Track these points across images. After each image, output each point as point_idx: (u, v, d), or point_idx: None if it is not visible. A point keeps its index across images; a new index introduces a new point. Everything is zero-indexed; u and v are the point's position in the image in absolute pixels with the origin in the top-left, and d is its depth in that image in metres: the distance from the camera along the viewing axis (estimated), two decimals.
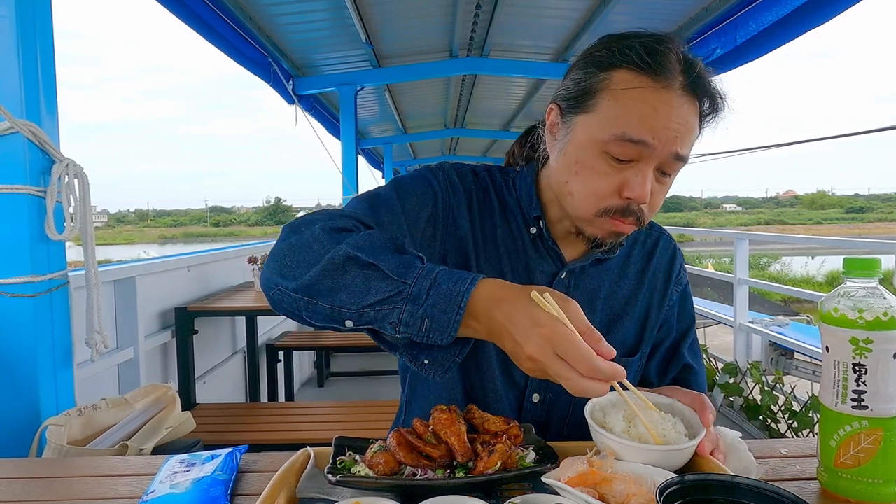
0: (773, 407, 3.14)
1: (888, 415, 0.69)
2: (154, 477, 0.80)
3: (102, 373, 2.36)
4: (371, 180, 11.08)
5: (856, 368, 0.70)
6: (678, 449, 0.72)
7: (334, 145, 6.42)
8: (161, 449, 1.46)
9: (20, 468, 0.89)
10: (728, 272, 4.98)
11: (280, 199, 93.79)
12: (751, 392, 3.27)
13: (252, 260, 3.44)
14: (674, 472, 0.69)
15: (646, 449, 0.71)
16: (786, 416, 3.04)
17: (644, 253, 1.02)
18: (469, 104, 7.76)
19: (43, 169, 1.50)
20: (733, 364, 3.53)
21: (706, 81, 0.82)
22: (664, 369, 1.04)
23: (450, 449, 0.74)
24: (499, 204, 0.97)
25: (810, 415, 2.85)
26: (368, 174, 11.02)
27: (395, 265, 0.71)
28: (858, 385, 0.70)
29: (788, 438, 2.81)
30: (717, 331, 7.11)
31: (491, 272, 0.93)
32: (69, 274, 1.60)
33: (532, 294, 0.66)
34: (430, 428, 0.75)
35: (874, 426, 0.69)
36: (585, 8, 4.16)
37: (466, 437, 0.75)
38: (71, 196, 1.55)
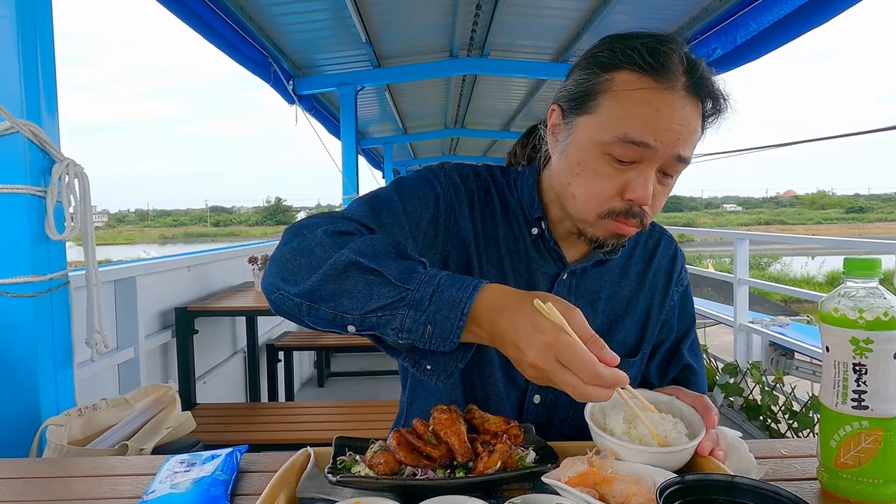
0: (774, 407, 3.14)
1: (888, 415, 0.69)
2: (154, 477, 0.80)
3: (102, 373, 2.36)
4: (371, 180, 11.09)
5: (856, 368, 0.70)
6: (679, 450, 0.72)
7: (334, 145, 6.42)
8: (161, 449, 1.46)
9: (20, 468, 0.89)
10: (728, 272, 4.97)
11: (280, 199, 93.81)
12: (751, 392, 3.27)
13: (252, 260, 3.43)
14: (674, 472, 0.69)
15: (646, 451, 0.71)
16: (786, 417, 3.04)
17: (645, 253, 1.02)
18: (469, 104, 7.76)
19: (43, 169, 1.50)
20: (733, 364, 3.53)
21: (709, 82, 0.81)
22: (664, 370, 1.04)
23: (450, 449, 0.74)
24: (500, 204, 0.97)
25: (810, 415, 2.85)
26: (368, 174, 11.03)
27: (398, 270, 0.71)
28: (859, 385, 0.70)
29: (789, 438, 2.80)
30: (718, 331, 7.11)
31: (492, 273, 0.93)
32: (69, 274, 1.60)
33: (535, 302, 0.66)
34: (431, 428, 0.75)
35: (874, 426, 0.69)
36: (586, 8, 4.16)
37: (466, 437, 0.75)
38: (71, 196, 1.55)
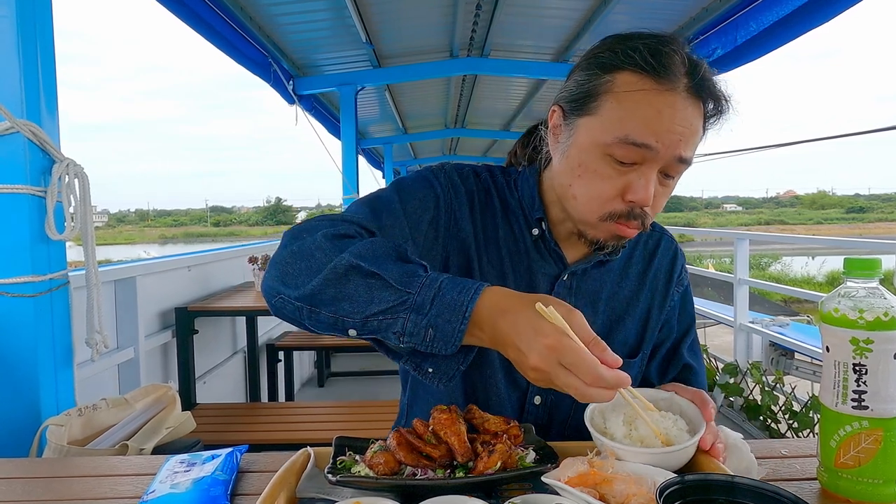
0: (774, 407, 3.14)
1: (888, 415, 0.69)
2: (154, 477, 0.80)
3: (103, 373, 2.36)
4: (371, 180, 11.08)
5: (856, 368, 0.70)
6: (680, 448, 0.72)
7: (335, 145, 6.42)
8: (161, 449, 1.46)
9: (20, 468, 0.89)
10: (728, 272, 4.97)
11: (280, 199, 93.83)
12: (751, 392, 3.27)
13: (252, 260, 3.43)
14: (674, 473, 0.69)
15: (649, 453, 0.71)
16: (786, 417, 3.04)
17: (646, 254, 1.02)
18: (469, 104, 7.76)
19: (43, 169, 1.50)
20: (733, 364, 3.53)
21: (711, 83, 0.81)
22: (664, 370, 1.04)
23: (450, 449, 0.74)
24: (500, 205, 0.96)
25: (810, 415, 2.85)
26: (369, 174, 11.02)
27: (399, 274, 0.71)
28: (859, 385, 0.70)
29: (789, 438, 2.80)
30: (718, 331, 7.11)
31: (493, 274, 0.93)
32: (69, 274, 1.60)
33: (537, 305, 0.66)
34: (431, 428, 0.75)
35: (874, 426, 0.69)
36: (586, 8, 4.16)
37: (466, 437, 0.75)
38: (71, 196, 1.55)
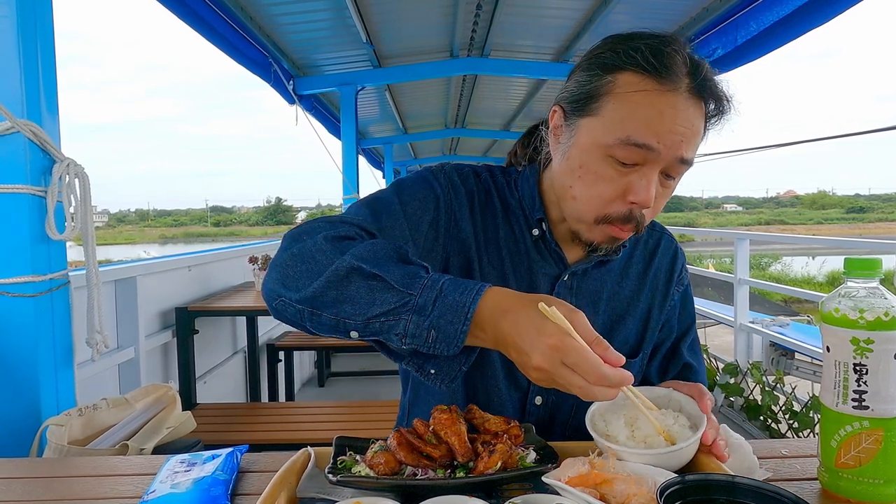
0: (774, 407, 3.14)
1: (889, 415, 0.69)
2: (155, 477, 0.80)
3: (103, 373, 2.36)
4: (371, 180, 11.08)
5: (857, 369, 0.70)
6: (684, 446, 0.72)
7: (335, 145, 6.42)
8: (161, 449, 1.46)
9: (21, 468, 0.89)
10: (728, 272, 4.97)
11: (280, 199, 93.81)
12: (751, 392, 3.27)
13: (253, 260, 3.43)
14: (674, 473, 0.69)
15: (653, 454, 0.71)
16: (786, 417, 3.04)
17: (646, 253, 1.02)
18: (469, 104, 7.76)
19: (44, 169, 1.50)
20: (734, 364, 3.53)
21: (712, 83, 0.81)
22: (664, 369, 1.04)
23: (450, 449, 0.74)
24: (501, 205, 0.96)
25: (811, 415, 2.85)
26: (369, 174, 11.02)
27: (400, 276, 0.71)
28: (859, 385, 0.70)
29: (789, 439, 2.80)
30: (718, 331, 7.11)
31: (493, 274, 0.93)
32: (70, 274, 1.60)
33: (539, 305, 0.66)
34: (431, 428, 0.75)
35: (875, 426, 0.69)
36: (586, 8, 4.15)
37: (467, 437, 0.75)
38: (72, 196, 1.55)
